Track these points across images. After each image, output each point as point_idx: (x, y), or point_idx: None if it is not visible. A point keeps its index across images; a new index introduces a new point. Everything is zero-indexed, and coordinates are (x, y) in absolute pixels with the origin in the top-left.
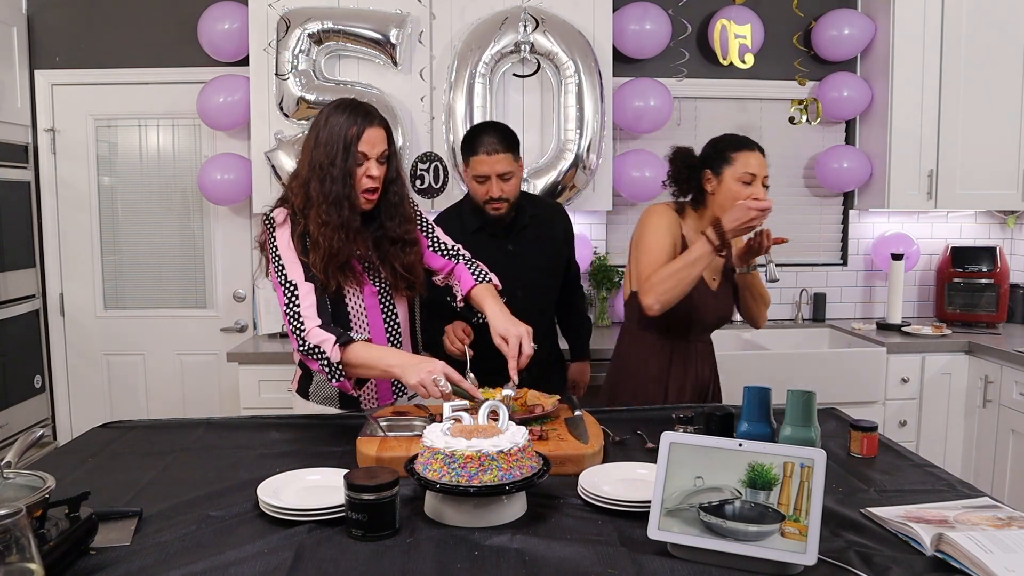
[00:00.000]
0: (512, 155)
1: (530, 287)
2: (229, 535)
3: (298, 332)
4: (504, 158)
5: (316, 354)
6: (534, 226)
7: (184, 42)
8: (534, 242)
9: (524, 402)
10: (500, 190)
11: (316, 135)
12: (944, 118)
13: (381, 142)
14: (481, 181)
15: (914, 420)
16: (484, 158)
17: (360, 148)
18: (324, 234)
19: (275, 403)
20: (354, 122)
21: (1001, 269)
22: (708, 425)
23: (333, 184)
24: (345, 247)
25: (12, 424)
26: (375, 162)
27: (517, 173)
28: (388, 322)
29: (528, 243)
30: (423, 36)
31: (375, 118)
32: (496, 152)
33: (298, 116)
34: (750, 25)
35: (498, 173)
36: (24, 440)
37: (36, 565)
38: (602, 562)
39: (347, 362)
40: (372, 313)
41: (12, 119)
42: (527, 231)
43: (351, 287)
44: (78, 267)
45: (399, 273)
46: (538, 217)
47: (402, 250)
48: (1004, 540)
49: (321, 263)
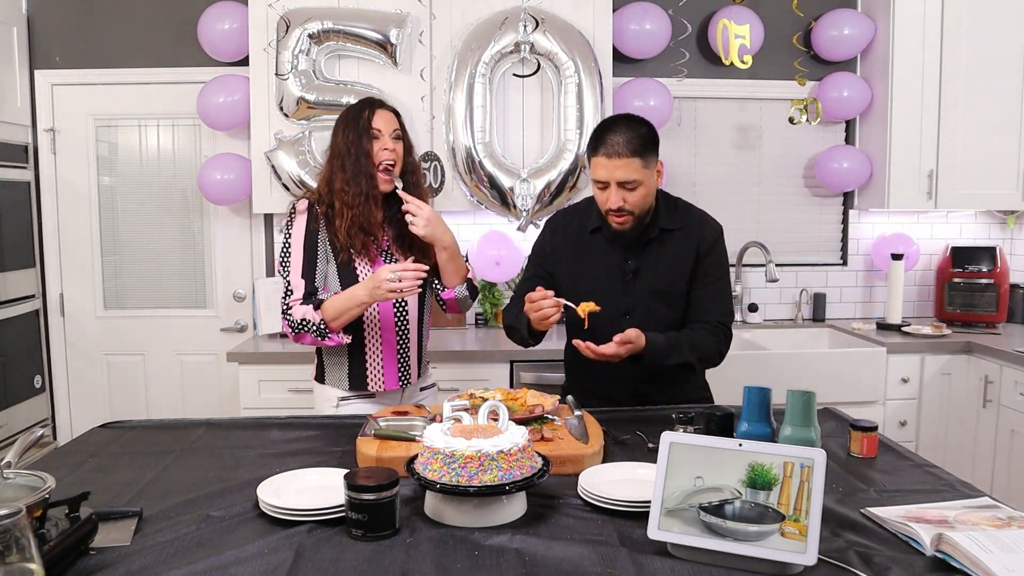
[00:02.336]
0: (640, 160)
1: (645, 313)
2: (229, 535)
3: (288, 318)
4: (628, 163)
5: (304, 326)
6: (663, 241)
7: (184, 42)
8: (660, 260)
9: (524, 402)
10: (621, 200)
11: (337, 128)
12: (944, 118)
13: (393, 122)
14: (600, 187)
15: (914, 420)
16: (603, 161)
17: (374, 125)
18: (347, 203)
19: (275, 403)
20: (366, 107)
21: (1001, 269)
22: (708, 425)
23: (354, 161)
24: (366, 212)
25: (12, 424)
26: (389, 138)
27: (647, 182)
28: (396, 301)
29: (652, 260)
30: (423, 36)
31: (385, 104)
32: (619, 156)
33: (298, 116)
34: (749, 25)
35: (619, 181)
36: (24, 440)
37: (36, 565)
38: (602, 562)
39: (328, 318)
40: None
41: (12, 119)
42: (652, 245)
43: (363, 262)
44: (78, 267)
45: (420, 247)
46: (671, 232)
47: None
48: (1004, 540)
49: (345, 228)
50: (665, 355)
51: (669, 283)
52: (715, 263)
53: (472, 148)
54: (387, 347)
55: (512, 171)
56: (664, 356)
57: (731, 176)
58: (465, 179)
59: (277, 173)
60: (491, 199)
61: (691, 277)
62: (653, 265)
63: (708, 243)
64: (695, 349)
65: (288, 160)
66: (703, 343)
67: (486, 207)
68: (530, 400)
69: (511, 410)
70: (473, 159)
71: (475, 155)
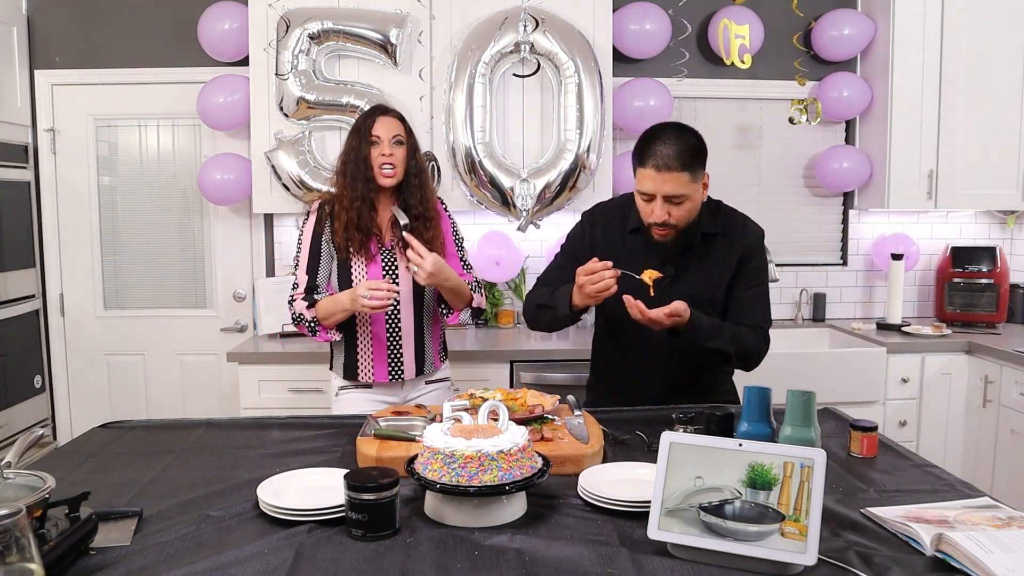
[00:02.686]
0: (689, 175)
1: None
2: (229, 535)
3: (290, 309)
4: (677, 178)
5: (300, 319)
6: (704, 246)
7: (184, 42)
8: (700, 266)
9: (524, 402)
10: (666, 214)
11: (348, 135)
12: (944, 118)
13: (395, 127)
14: (645, 199)
15: (914, 420)
16: (651, 173)
17: (374, 132)
18: (345, 206)
19: (275, 403)
20: (369, 114)
21: (1001, 269)
22: (708, 425)
23: (355, 165)
24: (364, 216)
25: (12, 424)
26: (388, 143)
27: (694, 196)
28: None
29: (692, 266)
30: (423, 36)
31: (388, 110)
32: (668, 170)
33: (298, 116)
34: (749, 25)
35: (665, 195)
36: (24, 440)
37: (36, 565)
38: (602, 562)
39: (319, 317)
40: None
41: (12, 119)
42: (693, 250)
43: (360, 260)
44: (78, 267)
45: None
46: (713, 236)
47: (424, 226)
48: (1004, 540)
49: (343, 230)
50: (706, 336)
51: (708, 289)
52: (757, 268)
53: (472, 148)
54: (376, 342)
55: (512, 171)
56: (704, 337)
57: (731, 176)
58: (465, 179)
59: (277, 173)
60: (491, 199)
61: (731, 282)
62: (693, 271)
63: (751, 248)
64: (736, 341)
65: (288, 160)
66: (745, 339)
67: (486, 207)
68: (530, 400)
69: (511, 410)
70: (473, 159)
71: (475, 155)
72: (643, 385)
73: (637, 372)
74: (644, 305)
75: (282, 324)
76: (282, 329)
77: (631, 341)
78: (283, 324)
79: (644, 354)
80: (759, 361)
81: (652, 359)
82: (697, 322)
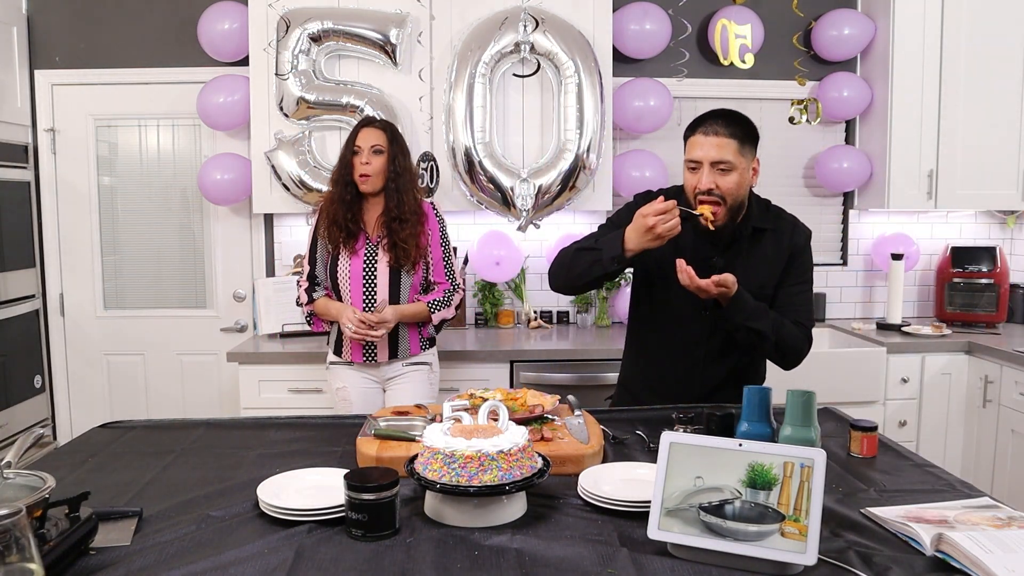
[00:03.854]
0: (737, 144)
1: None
2: (229, 535)
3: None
4: (725, 143)
5: (301, 306)
6: (754, 240)
7: (184, 42)
8: (749, 260)
9: (524, 402)
10: (712, 182)
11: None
12: (944, 118)
13: (375, 138)
14: (693, 168)
15: (914, 420)
16: (700, 139)
17: (356, 142)
18: (326, 207)
19: (275, 403)
20: (358, 125)
21: (1001, 269)
22: (708, 425)
23: (339, 171)
24: (341, 215)
25: (12, 424)
26: (368, 152)
27: (740, 170)
28: (366, 285)
29: (741, 259)
30: (423, 36)
31: (374, 121)
32: (716, 134)
33: (298, 116)
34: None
35: (712, 160)
36: (24, 440)
37: (36, 565)
38: (602, 562)
39: (317, 311)
40: (355, 276)
41: (12, 119)
42: (743, 244)
43: (345, 254)
44: (78, 267)
45: (399, 245)
46: (763, 231)
47: (401, 226)
48: (1004, 540)
49: (327, 227)
50: (748, 315)
51: (757, 285)
52: (803, 266)
53: (472, 148)
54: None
55: (512, 171)
56: (746, 316)
57: None
58: (465, 179)
59: (277, 173)
60: (491, 199)
61: (779, 280)
62: (742, 264)
63: (799, 247)
64: (777, 330)
65: (288, 160)
66: (788, 330)
67: (486, 207)
68: (530, 400)
69: (511, 410)
70: (473, 159)
71: (475, 155)
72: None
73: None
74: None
75: (282, 324)
76: (282, 329)
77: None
78: (283, 324)
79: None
80: (798, 358)
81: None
82: (742, 299)
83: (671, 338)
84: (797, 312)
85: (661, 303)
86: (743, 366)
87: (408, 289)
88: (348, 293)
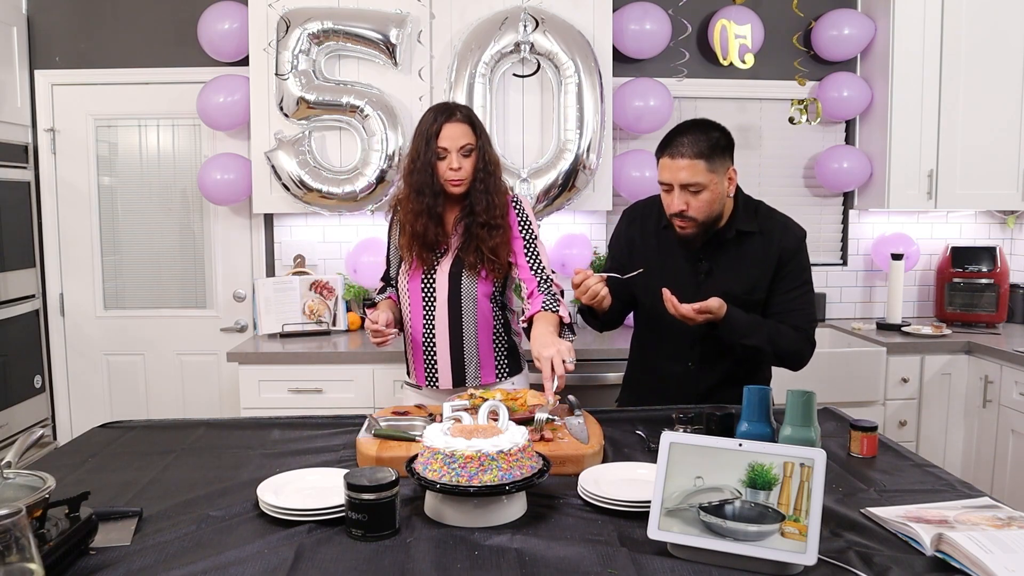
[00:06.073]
0: (705, 163)
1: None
2: (229, 535)
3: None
4: (692, 165)
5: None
6: (740, 244)
7: (184, 42)
8: (735, 263)
9: (524, 402)
10: (684, 204)
11: (415, 132)
12: (944, 118)
13: (462, 136)
14: (665, 190)
15: (914, 420)
16: (667, 162)
17: (440, 143)
18: (410, 220)
19: (275, 403)
20: (434, 119)
21: (1001, 269)
22: (708, 425)
23: (420, 175)
24: (430, 231)
25: (12, 424)
26: (457, 155)
27: (712, 188)
28: (426, 299)
29: (727, 262)
30: (423, 36)
31: (454, 114)
32: (683, 156)
33: (298, 116)
34: (750, 25)
35: (682, 183)
36: (24, 440)
37: (36, 565)
38: (602, 562)
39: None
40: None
41: (12, 119)
42: (728, 247)
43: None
44: (78, 267)
45: (485, 255)
46: (749, 235)
47: (489, 234)
48: (1004, 540)
49: (408, 245)
50: (742, 333)
51: (745, 288)
52: (797, 269)
53: None
54: (415, 346)
55: (512, 171)
56: (740, 334)
57: None
58: None
59: (277, 173)
60: None
61: (771, 285)
62: (728, 267)
63: (790, 250)
64: (773, 340)
65: (288, 160)
66: (784, 337)
67: None
68: (530, 400)
69: (511, 410)
70: None
71: None
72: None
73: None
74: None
75: (282, 324)
76: (282, 329)
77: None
78: (283, 324)
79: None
80: (801, 362)
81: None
82: (732, 320)
83: (667, 342)
84: (796, 316)
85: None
86: (744, 367)
87: (471, 300)
88: (407, 299)
